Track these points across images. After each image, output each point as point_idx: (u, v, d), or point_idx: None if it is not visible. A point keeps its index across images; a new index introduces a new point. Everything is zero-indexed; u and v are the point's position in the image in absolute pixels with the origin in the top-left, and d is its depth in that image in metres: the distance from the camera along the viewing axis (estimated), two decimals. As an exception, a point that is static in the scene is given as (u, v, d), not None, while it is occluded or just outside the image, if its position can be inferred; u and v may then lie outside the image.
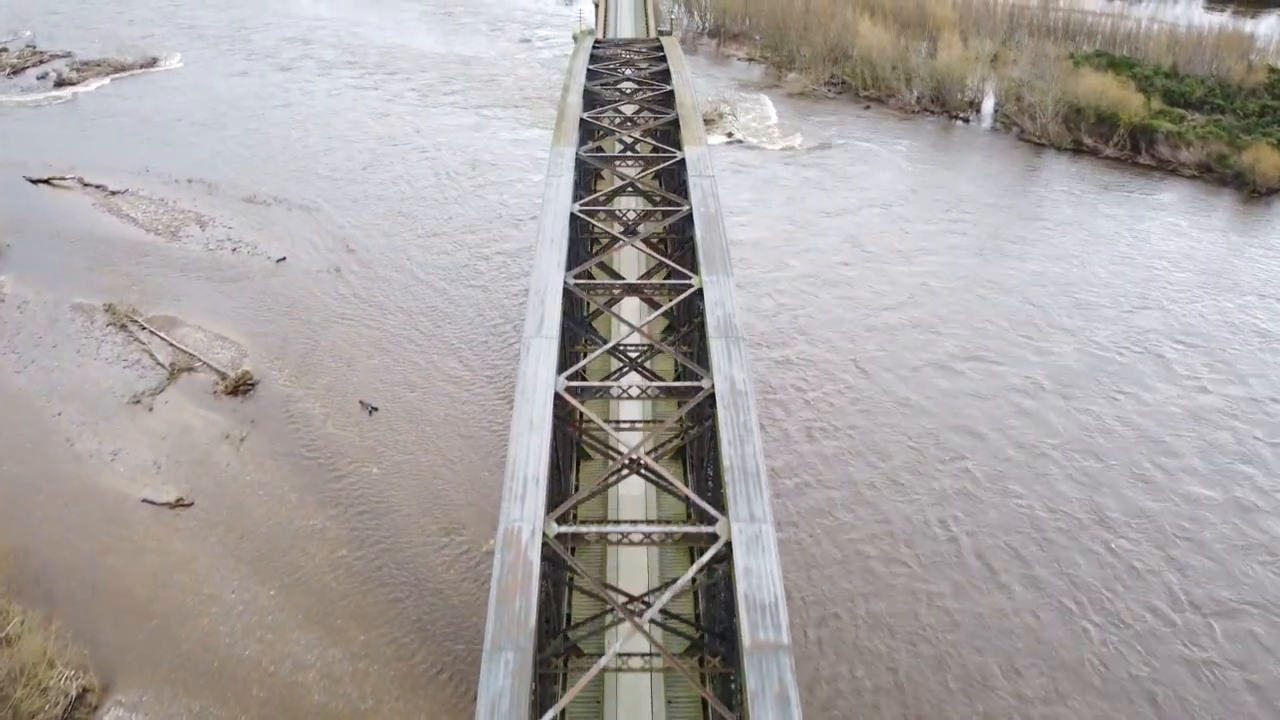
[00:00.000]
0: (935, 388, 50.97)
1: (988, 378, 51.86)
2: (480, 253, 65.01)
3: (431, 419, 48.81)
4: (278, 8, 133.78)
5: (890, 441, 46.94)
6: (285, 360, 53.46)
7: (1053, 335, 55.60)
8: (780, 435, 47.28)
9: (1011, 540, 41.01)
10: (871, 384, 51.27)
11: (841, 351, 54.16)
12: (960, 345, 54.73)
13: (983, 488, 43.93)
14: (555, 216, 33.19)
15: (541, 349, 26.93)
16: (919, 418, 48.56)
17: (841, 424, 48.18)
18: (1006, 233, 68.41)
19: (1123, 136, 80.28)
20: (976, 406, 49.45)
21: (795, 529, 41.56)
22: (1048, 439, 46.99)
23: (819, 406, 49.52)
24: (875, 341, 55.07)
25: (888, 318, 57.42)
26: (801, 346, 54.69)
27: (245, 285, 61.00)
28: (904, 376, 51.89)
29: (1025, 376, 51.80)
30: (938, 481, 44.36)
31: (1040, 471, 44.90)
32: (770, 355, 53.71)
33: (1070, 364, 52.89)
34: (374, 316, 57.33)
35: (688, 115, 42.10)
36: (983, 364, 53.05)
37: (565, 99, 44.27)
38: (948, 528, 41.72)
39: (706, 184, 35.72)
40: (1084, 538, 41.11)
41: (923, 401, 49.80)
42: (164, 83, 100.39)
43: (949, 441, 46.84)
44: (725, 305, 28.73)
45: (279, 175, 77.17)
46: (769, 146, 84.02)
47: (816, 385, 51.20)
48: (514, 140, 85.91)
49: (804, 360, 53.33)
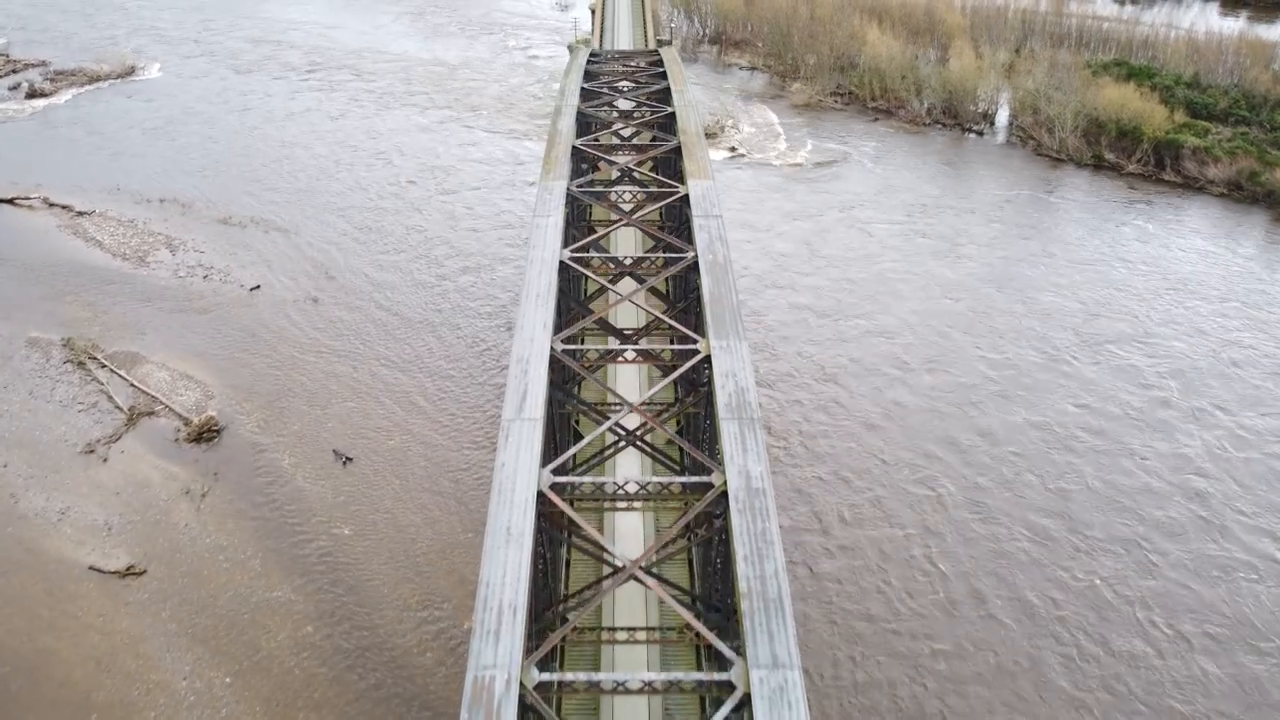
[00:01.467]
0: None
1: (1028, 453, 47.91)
2: (466, 284, 60.91)
3: (410, 470, 44.75)
4: (264, 15, 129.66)
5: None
6: (254, 402, 49.37)
7: (1080, 396, 51.64)
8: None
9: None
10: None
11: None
12: (994, 421, 50.76)
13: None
14: (542, 266, 29.19)
15: (523, 436, 22.95)
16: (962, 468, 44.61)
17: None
18: (1029, 265, 64.42)
19: (1146, 152, 76.31)
20: (987, 453, 45.50)
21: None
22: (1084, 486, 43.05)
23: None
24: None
25: (924, 379, 53.42)
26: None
27: (215, 317, 56.89)
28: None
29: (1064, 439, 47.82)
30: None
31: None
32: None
33: (1102, 422, 48.92)
34: (352, 353, 53.26)
35: (691, 143, 38.13)
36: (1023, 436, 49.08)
37: (556, 124, 40.28)
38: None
39: (714, 226, 31.70)
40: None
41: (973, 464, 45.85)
42: (141, 93, 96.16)
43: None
44: (738, 378, 24.74)
45: (258, 194, 73.06)
46: (773, 162, 80.00)
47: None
48: (509, 157, 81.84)
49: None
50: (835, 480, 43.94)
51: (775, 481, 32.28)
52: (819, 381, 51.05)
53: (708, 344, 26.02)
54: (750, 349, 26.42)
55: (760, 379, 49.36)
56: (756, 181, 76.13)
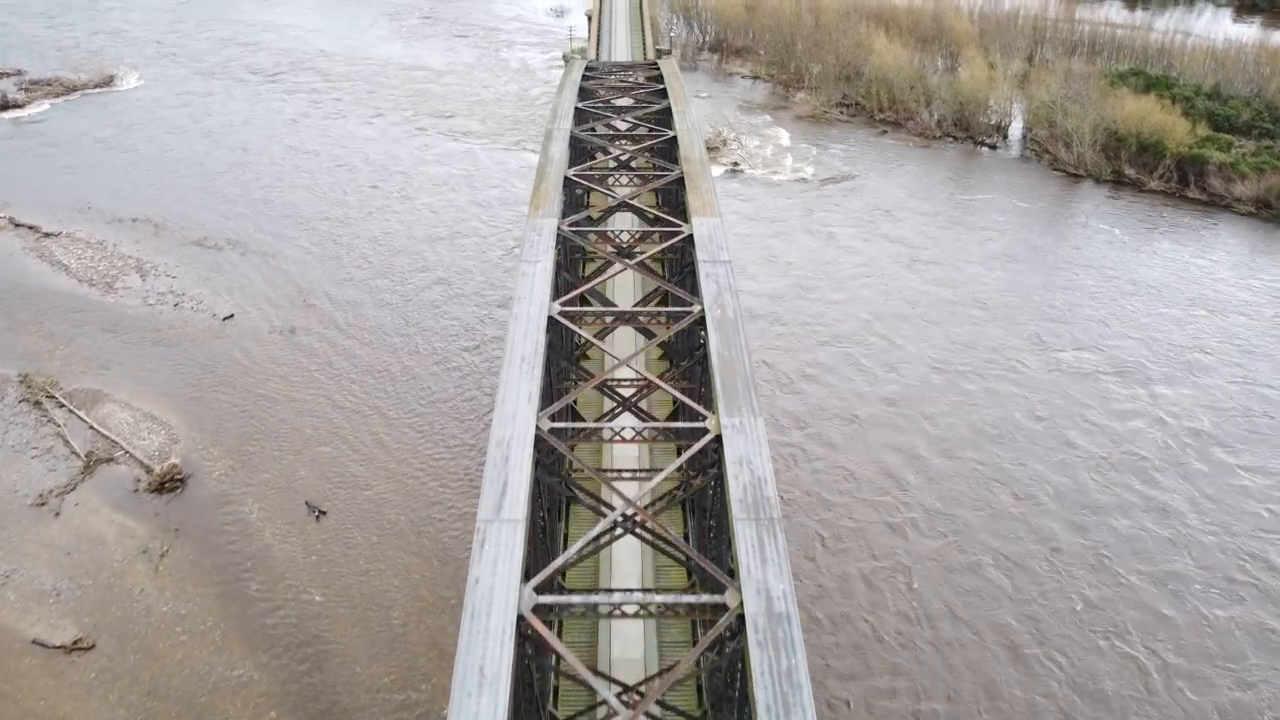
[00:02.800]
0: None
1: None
2: (455, 315, 57.27)
3: (389, 524, 41.11)
4: (253, 21, 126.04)
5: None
6: (222, 447, 45.70)
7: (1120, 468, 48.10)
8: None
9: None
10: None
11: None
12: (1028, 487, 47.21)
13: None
14: (528, 325, 25.59)
15: (502, 542, 19.42)
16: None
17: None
18: (1057, 296, 60.90)
19: (1169, 167, 72.83)
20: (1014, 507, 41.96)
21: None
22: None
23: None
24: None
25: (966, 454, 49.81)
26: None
27: (184, 350, 53.21)
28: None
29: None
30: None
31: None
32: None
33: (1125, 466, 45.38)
34: (329, 392, 49.61)
35: (695, 173, 34.59)
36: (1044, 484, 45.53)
37: (547, 150, 36.71)
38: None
39: (722, 274, 28.09)
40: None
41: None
42: (119, 104, 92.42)
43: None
44: (754, 466, 21.16)
45: (236, 213, 69.36)
46: (777, 178, 76.43)
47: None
48: (501, 170, 78.29)
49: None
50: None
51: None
52: (831, 450, 47.54)
53: (717, 420, 22.47)
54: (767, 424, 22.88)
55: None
56: (759, 199, 72.54)
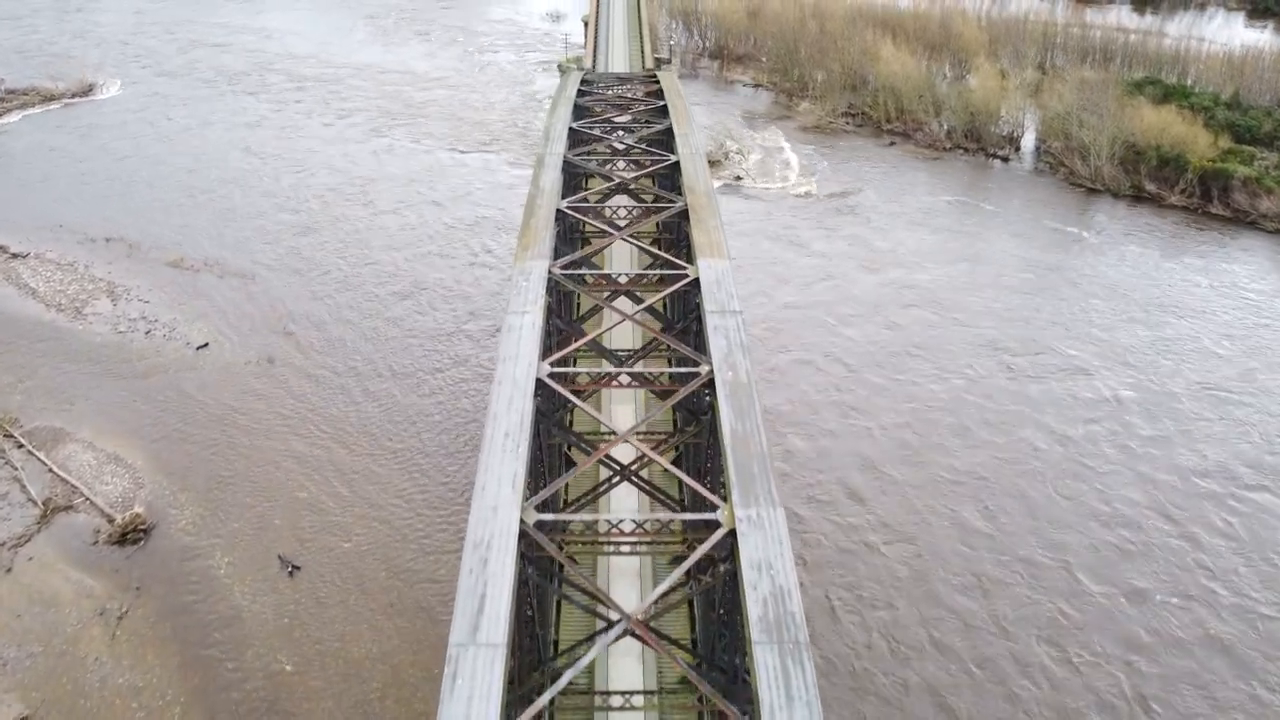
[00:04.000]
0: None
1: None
2: (445, 347, 54.11)
3: (367, 582, 37.95)
4: (237, 26, 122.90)
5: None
6: (190, 493, 42.53)
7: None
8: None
9: None
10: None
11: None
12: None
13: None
14: (514, 391, 22.48)
15: (478, 674, 16.41)
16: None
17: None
18: (1085, 328, 57.84)
19: (1190, 182, 69.77)
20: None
21: None
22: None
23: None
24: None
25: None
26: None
27: (155, 383, 50.04)
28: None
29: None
30: None
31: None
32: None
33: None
34: (308, 429, 46.43)
35: (700, 205, 31.44)
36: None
37: (538, 179, 33.57)
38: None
39: (733, 327, 24.92)
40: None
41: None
42: (98, 115, 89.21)
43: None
44: (776, 574, 18.11)
45: (216, 232, 66.15)
46: (781, 193, 73.34)
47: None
48: (492, 185, 75.20)
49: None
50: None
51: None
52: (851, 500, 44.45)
53: (730, 511, 19.35)
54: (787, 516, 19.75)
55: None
56: (763, 215, 69.44)
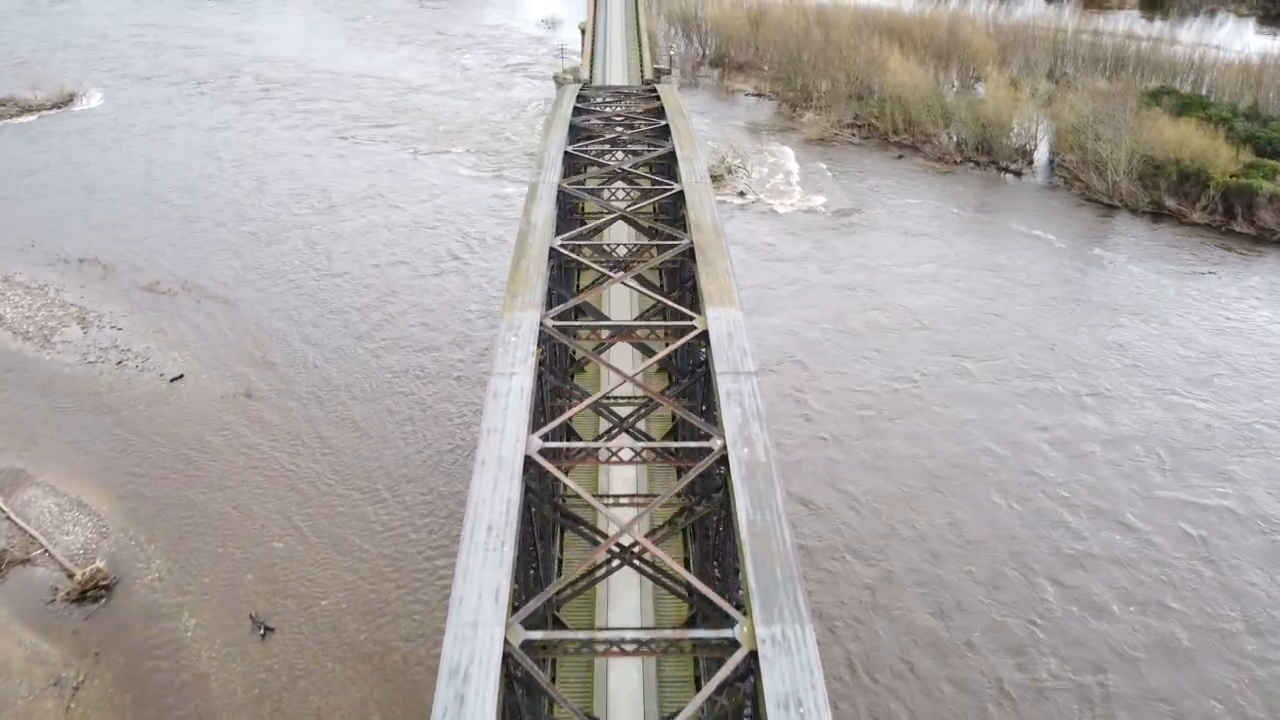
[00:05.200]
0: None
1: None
2: (438, 380, 51.19)
3: (346, 646, 35.00)
4: (233, 33, 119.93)
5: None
6: (158, 542, 39.57)
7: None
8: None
9: None
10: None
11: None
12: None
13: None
14: (499, 474, 19.50)
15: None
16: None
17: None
18: (1114, 357, 55.02)
19: (1213, 198, 67.00)
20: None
21: None
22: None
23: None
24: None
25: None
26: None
27: (125, 418, 47.08)
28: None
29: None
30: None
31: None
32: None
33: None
34: (286, 472, 43.47)
35: (708, 245, 28.47)
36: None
37: (530, 213, 30.59)
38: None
39: (747, 391, 21.93)
40: None
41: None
42: (78, 127, 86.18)
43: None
44: (808, 712, 15.12)
45: (195, 254, 63.11)
46: (786, 209, 70.49)
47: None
48: (491, 200, 72.33)
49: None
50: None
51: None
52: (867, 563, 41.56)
53: (749, 628, 16.40)
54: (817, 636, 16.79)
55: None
56: (768, 233, 66.57)
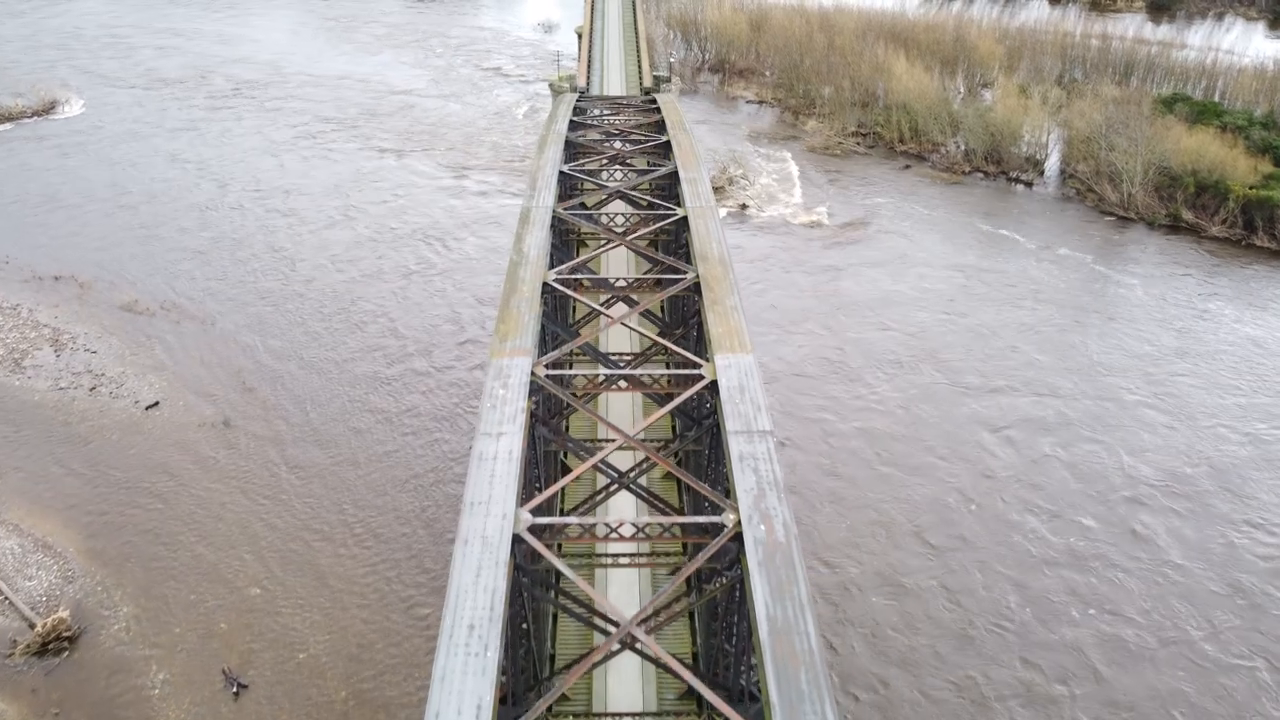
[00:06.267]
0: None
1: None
2: (424, 411, 48.76)
3: (327, 707, 32.54)
4: (218, 35, 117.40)
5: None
6: (126, 588, 37.11)
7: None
8: None
9: None
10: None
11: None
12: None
13: None
14: (482, 558, 17.33)
15: None
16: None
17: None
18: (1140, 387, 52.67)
19: (1232, 211, 64.69)
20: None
21: None
22: None
23: None
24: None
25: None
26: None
27: (96, 450, 44.59)
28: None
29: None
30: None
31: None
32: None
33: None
34: (264, 510, 40.99)
35: (715, 280, 26.26)
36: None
37: (521, 242, 28.30)
38: None
39: (762, 455, 19.59)
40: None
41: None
42: (59, 135, 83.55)
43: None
44: None
45: (177, 271, 60.49)
46: (790, 222, 68.07)
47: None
48: (490, 216, 69.93)
49: None
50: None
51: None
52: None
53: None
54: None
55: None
56: (770, 248, 64.16)
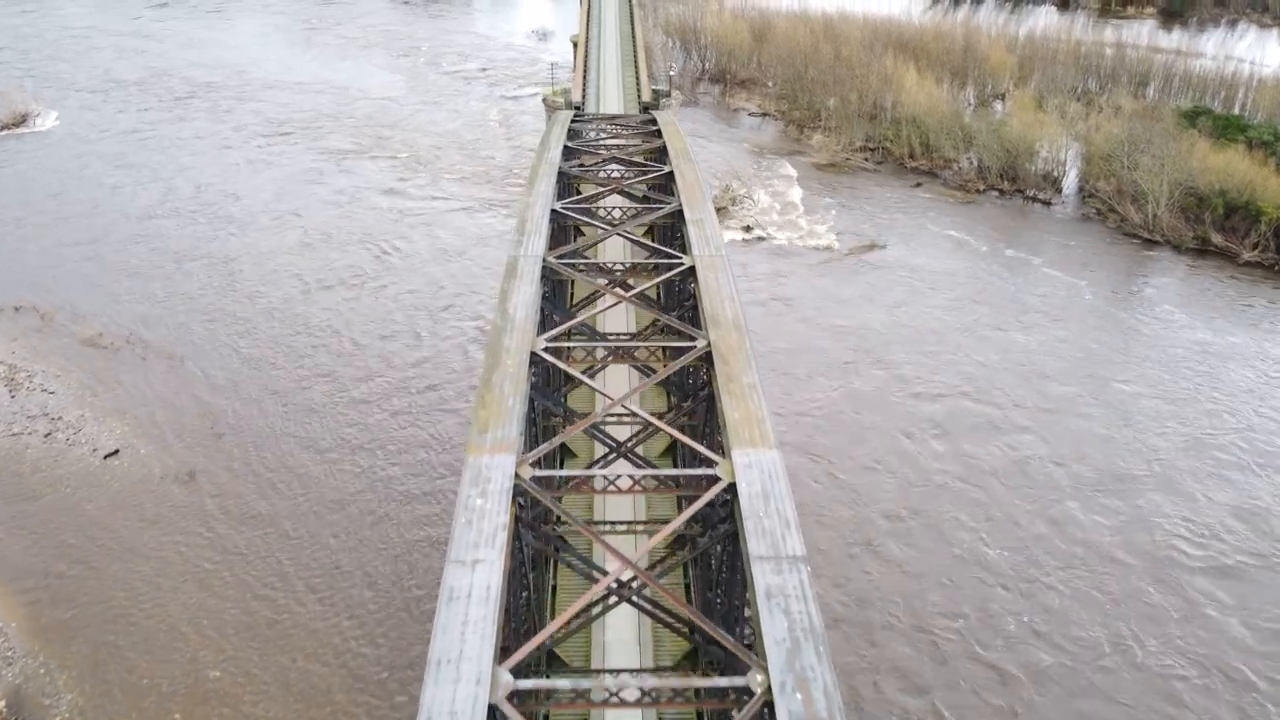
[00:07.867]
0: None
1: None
2: (408, 464, 45.17)
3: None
4: (201, 41, 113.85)
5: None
6: (72, 670, 33.41)
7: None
8: None
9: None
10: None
11: None
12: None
13: None
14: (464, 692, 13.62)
15: None
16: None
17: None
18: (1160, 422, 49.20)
19: (1264, 235, 61.32)
20: None
21: None
22: None
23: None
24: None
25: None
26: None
27: (47, 506, 40.86)
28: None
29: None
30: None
31: None
32: None
33: None
34: (231, 580, 37.27)
35: (730, 352, 22.73)
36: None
37: (506, 301, 24.77)
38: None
39: (793, 590, 16.05)
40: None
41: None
42: (29, 151, 79.79)
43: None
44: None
45: (145, 300, 56.73)
46: (797, 245, 64.54)
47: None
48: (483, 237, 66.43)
49: None
50: None
51: None
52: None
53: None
54: None
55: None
56: (777, 276, 60.64)
